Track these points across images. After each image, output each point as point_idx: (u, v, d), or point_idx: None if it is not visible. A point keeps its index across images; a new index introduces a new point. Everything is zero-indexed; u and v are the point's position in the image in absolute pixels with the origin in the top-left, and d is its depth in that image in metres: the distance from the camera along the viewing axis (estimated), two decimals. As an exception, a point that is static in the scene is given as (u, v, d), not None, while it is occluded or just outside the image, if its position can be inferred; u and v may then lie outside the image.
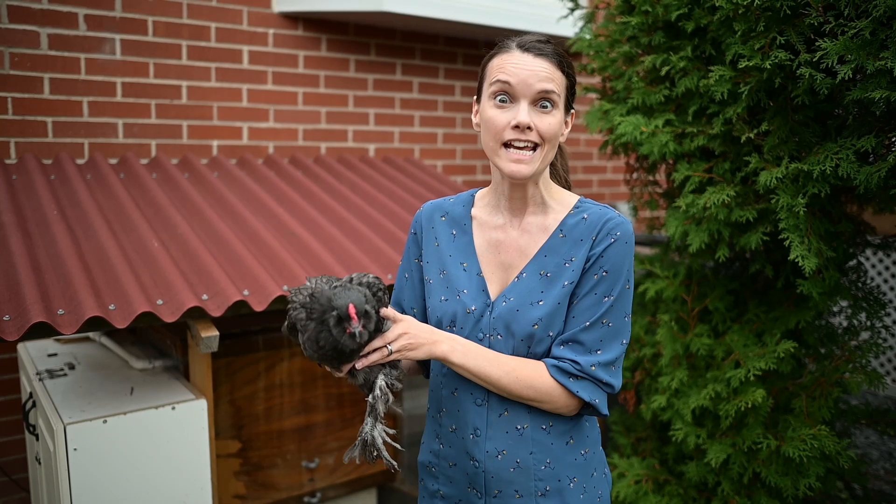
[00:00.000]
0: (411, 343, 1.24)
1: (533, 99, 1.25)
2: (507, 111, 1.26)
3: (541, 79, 1.25)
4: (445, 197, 1.49)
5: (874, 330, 2.19)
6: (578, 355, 1.29)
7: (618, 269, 1.29)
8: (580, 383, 1.29)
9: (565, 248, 1.32)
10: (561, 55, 1.29)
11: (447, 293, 1.37)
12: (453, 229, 1.42)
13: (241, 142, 3.35)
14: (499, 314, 1.32)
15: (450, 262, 1.40)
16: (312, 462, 2.62)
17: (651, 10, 2.26)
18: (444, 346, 1.27)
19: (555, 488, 1.34)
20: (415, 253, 1.46)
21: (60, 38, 2.87)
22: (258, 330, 2.49)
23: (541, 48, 1.27)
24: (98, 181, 2.66)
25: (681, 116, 2.25)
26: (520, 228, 1.36)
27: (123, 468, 2.00)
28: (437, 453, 1.43)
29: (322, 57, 3.53)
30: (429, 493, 1.46)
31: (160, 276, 2.11)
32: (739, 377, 2.08)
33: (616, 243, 1.29)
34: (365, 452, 1.29)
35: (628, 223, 1.34)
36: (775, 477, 2.07)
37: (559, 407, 1.31)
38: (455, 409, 1.38)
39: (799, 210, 1.86)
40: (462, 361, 1.28)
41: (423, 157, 3.94)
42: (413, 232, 1.47)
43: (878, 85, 1.68)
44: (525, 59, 1.26)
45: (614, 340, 1.31)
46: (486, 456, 1.33)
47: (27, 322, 1.80)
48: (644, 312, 2.60)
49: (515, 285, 1.33)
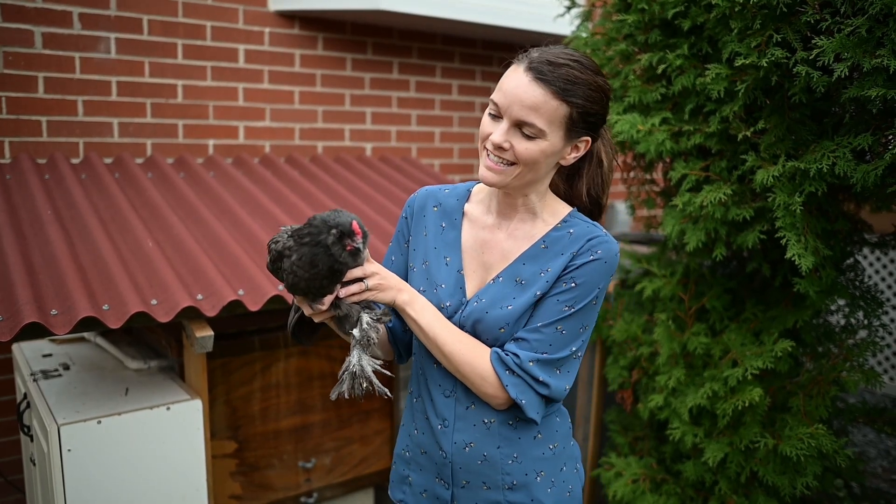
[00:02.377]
0: (381, 284, 1.27)
1: (513, 123, 1.23)
2: (493, 124, 1.26)
3: (524, 107, 1.20)
4: (442, 185, 1.48)
5: (871, 328, 2.19)
6: (521, 350, 1.29)
7: (589, 286, 1.29)
8: (513, 378, 1.29)
9: (544, 259, 1.32)
10: (569, 81, 1.21)
11: (426, 284, 1.38)
12: (443, 221, 1.42)
13: (238, 141, 3.34)
14: (469, 313, 1.34)
15: (433, 255, 1.40)
16: (309, 462, 2.62)
17: (647, 8, 2.25)
18: (405, 295, 1.30)
19: (521, 482, 1.35)
20: (405, 236, 1.46)
21: (55, 36, 2.86)
22: (254, 330, 2.48)
23: (544, 72, 1.20)
24: (93, 181, 2.65)
25: (677, 115, 2.25)
26: (507, 232, 1.37)
27: (118, 469, 1.99)
28: (414, 438, 1.43)
29: (318, 56, 3.52)
30: (399, 478, 1.47)
31: (155, 275, 2.10)
32: (737, 376, 2.08)
33: (595, 262, 1.29)
34: (354, 385, 1.26)
35: (614, 245, 1.31)
36: (773, 476, 2.06)
37: (488, 394, 1.31)
38: (427, 398, 1.39)
39: (796, 208, 1.86)
40: (417, 316, 1.30)
41: (421, 155, 3.93)
42: (404, 216, 1.47)
43: (874, 83, 1.67)
44: (521, 82, 1.21)
45: (563, 346, 1.30)
46: (453, 447, 1.35)
47: (20, 322, 1.79)
48: (641, 311, 2.60)
49: (489, 287, 1.34)
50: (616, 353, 2.61)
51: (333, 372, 2.66)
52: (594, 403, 3.03)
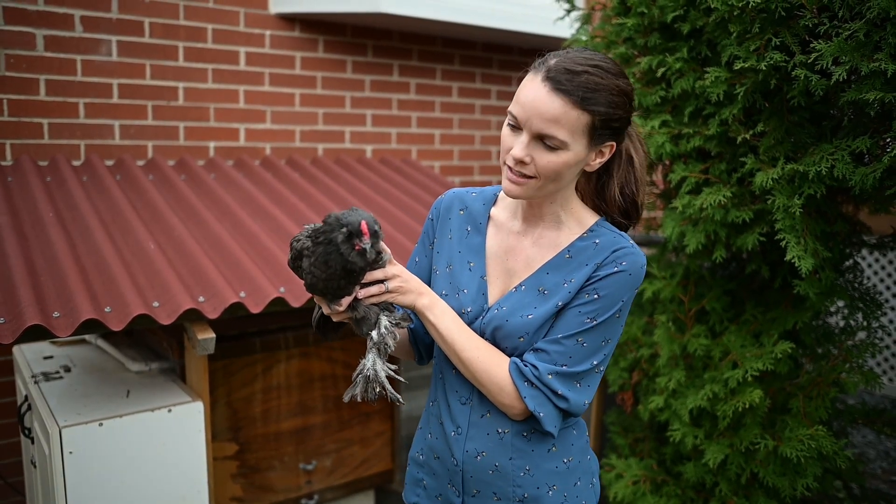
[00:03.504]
0: (402, 286, 1.26)
1: (534, 136, 1.19)
2: (513, 136, 1.22)
3: (544, 120, 1.16)
4: (470, 188, 1.46)
5: (870, 330, 2.19)
6: (540, 362, 1.26)
7: (613, 298, 1.26)
8: (532, 390, 1.26)
9: (568, 269, 1.29)
10: (589, 89, 1.16)
11: (448, 288, 1.37)
12: (468, 225, 1.40)
13: (238, 143, 3.35)
14: (489, 320, 1.32)
15: (457, 259, 1.39)
16: (310, 464, 2.62)
17: (647, 12, 2.26)
18: (425, 299, 1.29)
19: (532, 495, 1.33)
20: (430, 238, 1.45)
21: (56, 39, 2.87)
22: (255, 332, 2.49)
23: (562, 82, 1.15)
24: (94, 183, 2.66)
25: (677, 117, 2.26)
26: (533, 240, 1.34)
27: (119, 471, 1.99)
28: (428, 442, 1.43)
29: (319, 58, 3.53)
30: (414, 480, 1.46)
31: (156, 278, 2.11)
32: (737, 378, 2.08)
33: (620, 273, 1.25)
34: (367, 389, 1.26)
35: (641, 257, 1.27)
36: (773, 477, 2.07)
37: (506, 404, 1.29)
38: (444, 403, 1.38)
39: (795, 211, 1.87)
40: (436, 321, 1.29)
41: (421, 158, 3.94)
42: (430, 218, 1.46)
43: (872, 86, 1.68)
44: (540, 93, 1.17)
45: (584, 359, 1.27)
46: (465, 455, 1.33)
47: (22, 325, 1.79)
48: (641, 313, 2.60)
49: (511, 295, 1.32)
50: (616, 354, 2.61)
51: (334, 374, 2.66)
52: (595, 405, 3.03)
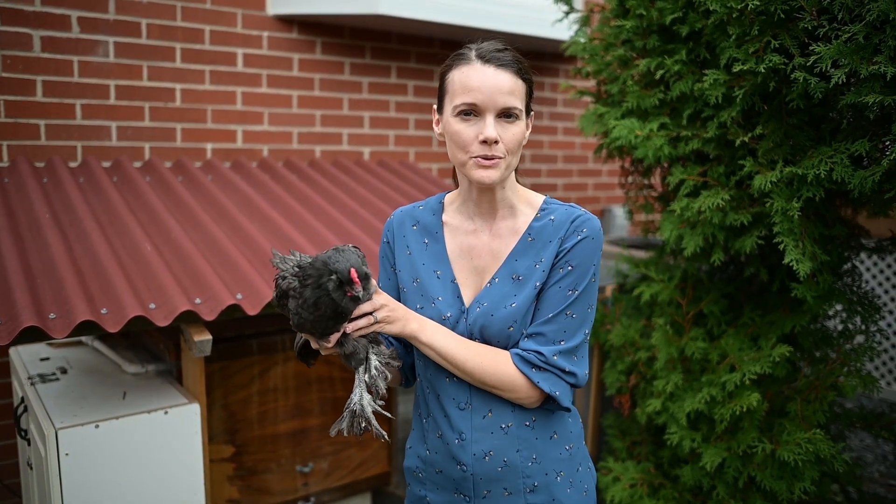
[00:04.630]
0: (389, 316, 1.26)
1: (498, 113, 1.27)
2: (472, 125, 1.28)
3: (504, 93, 1.26)
4: (414, 203, 1.50)
5: (868, 333, 2.19)
6: (541, 346, 1.32)
7: (585, 265, 1.32)
8: (542, 374, 1.31)
9: (534, 251, 1.34)
10: (519, 61, 1.30)
11: (422, 301, 1.39)
12: (425, 238, 1.43)
13: (236, 145, 3.34)
14: (474, 319, 1.35)
15: (423, 270, 1.41)
16: (306, 466, 2.61)
17: (645, 14, 2.26)
18: (414, 324, 1.30)
19: (542, 483, 1.36)
20: (391, 260, 1.47)
21: (53, 40, 2.86)
22: (252, 334, 2.48)
23: (501, 58, 1.27)
24: (91, 184, 2.65)
25: (675, 120, 2.25)
26: (491, 233, 1.38)
27: (115, 473, 1.98)
28: (424, 459, 1.43)
29: (317, 60, 3.53)
30: (416, 499, 1.47)
31: (153, 279, 2.10)
32: (734, 381, 2.08)
33: (584, 240, 1.32)
34: (353, 424, 1.27)
35: (595, 220, 1.36)
36: (770, 481, 2.07)
37: (521, 397, 1.33)
38: (441, 415, 1.39)
39: (793, 214, 1.86)
40: (430, 340, 1.30)
41: (419, 160, 3.94)
42: (385, 241, 1.48)
43: (871, 89, 1.68)
44: (487, 72, 1.26)
45: (577, 330, 1.33)
46: (473, 459, 1.35)
47: (18, 326, 1.79)
48: (639, 316, 2.60)
49: (488, 290, 1.35)
50: (614, 357, 2.61)
51: (331, 376, 2.66)
52: (592, 408, 3.03)
